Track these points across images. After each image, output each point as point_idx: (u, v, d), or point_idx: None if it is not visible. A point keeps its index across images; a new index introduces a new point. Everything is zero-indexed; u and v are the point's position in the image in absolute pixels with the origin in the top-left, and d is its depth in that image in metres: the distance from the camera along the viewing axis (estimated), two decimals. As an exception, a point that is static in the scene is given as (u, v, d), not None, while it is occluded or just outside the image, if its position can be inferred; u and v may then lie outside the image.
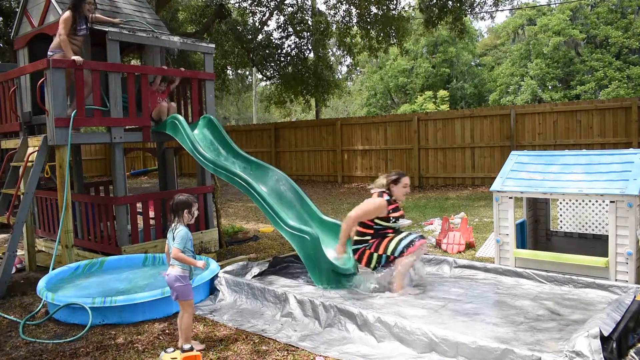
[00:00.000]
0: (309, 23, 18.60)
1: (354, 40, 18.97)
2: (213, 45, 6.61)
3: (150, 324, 3.99)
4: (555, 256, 4.71)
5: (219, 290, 4.53)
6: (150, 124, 5.98)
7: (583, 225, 5.63)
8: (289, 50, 19.08)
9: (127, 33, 5.71)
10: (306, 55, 19.40)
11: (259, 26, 18.78)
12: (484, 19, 56.16)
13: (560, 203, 5.78)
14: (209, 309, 4.27)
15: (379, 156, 14.90)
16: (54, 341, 3.72)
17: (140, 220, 6.86)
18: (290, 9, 18.72)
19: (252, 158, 5.77)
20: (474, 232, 7.27)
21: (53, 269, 4.93)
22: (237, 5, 18.73)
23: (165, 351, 2.99)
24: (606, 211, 5.39)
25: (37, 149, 5.28)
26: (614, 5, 29.51)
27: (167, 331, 3.83)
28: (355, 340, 3.47)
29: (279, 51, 18.81)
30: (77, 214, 6.41)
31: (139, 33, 5.80)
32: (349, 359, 3.24)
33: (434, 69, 34.47)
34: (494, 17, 64.77)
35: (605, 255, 4.50)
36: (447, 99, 29.69)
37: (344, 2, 17.15)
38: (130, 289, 4.61)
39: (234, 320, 3.99)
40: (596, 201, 5.49)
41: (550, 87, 30.28)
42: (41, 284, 4.42)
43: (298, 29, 18.56)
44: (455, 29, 15.31)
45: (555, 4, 30.95)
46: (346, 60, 27.60)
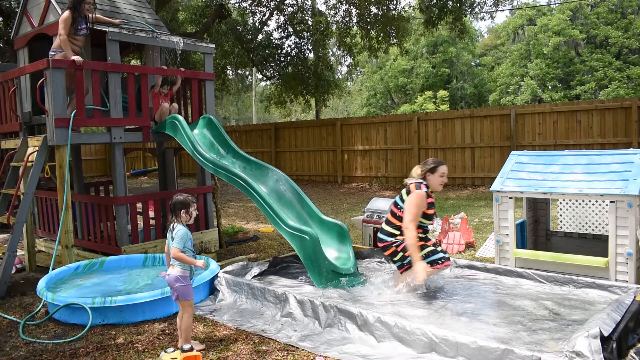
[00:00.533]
0: (309, 23, 18.60)
1: (354, 40, 18.97)
2: (213, 46, 6.61)
3: (150, 324, 3.99)
4: (555, 256, 4.71)
5: (219, 291, 4.53)
6: (150, 124, 5.98)
7: (583, 225, 5.62)
8: (289, 50, 19.09)
9: (127, 33, 5.71)
10: (306, 55, 19.40)
11: (259, 26, 18.79)
12: (484, 19, 56.12)
13: (560, 203, 5.78)
14: (209, 309, 4.27)
15: (379, 156, 14.90)
16: (54, 341, 3.72)
17: (140, 220, 6.87)
18: (290, 9, 18.72)
19: (252, 158, 5.77)
20: (474, 232, 7.27)
21: (53, 269, 4.94)
22: (237, 5, 18.74)
23: (165, 351, 2.99)
24: (606, 211, 5.39)
25: (37, 149, 5.28)
26: (614, 5, 29.51)
27: (167, 331, 3.83)
28: (355, 340, 3.46)
29: (279, 51, 18.82)
30: (77, 214, 6.41)
31: (138, 33, 5.80)
32: (349, 359, 3.24)
33: (434, 69, 34.48)
34: (494, 17, 64.80)
35: (605, 255, 4.50)
36: (447, 99, 29.69)
37: (344, 2, 17.14)
38: (130, 289, 4.62)
39: (234, 321, 3.98)
40: (596, 201, 5.49)
41: (550, 87, 30.27)
42: (41, 284, 4.42)
43: (298, 29, 18.56)
44: (455, 29, 15.31)
45: (555, 4, 30.94)
46: (346, 60, 27.67)
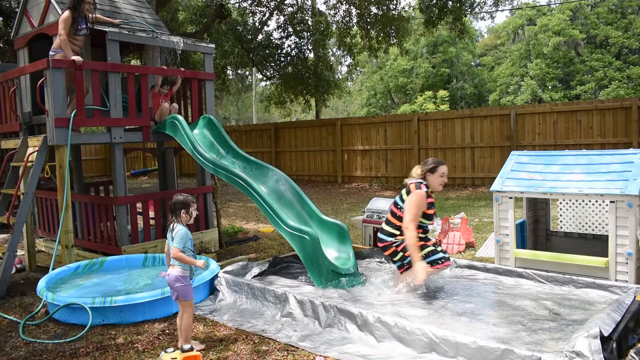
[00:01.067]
0: (309, 23, 18.59)
1: (354, 40, 18.97)
2: (213, 46, 6.61)
3: (150, 324, 3.99)
4: (555, 256, 4.71)
5: (219, 291, 4.53)
6: (150, 124, 5.98)
7: (583, 225, 5.62)
8: (289, 50, 19.08)
9: (127, 33, 5.71)
10: (306, 55, 19.40)
11: (259, 26, 18.79)
12: (484, 19, 56.11)
13: (560, 203, 5.78)
14: (209, 309, 4.27)
15: (379, 156, 14.90)
16: (54, 341, 3.72)
17: (140, 220, 6.87)
18: (290, 9, 18.72)
19: (252, 158, 5.77)
20: (474, 232, 7.27)
21: (53, 269, 4.94)
22: (237, 5, 18.74)
23: (165, 351, 2.99)
24: (606, 211, 5.39)
25: (37, 149, 5.28)
26: (614, 5, 29.51)
27: (167, 331, 3.83)
28: (355, 340, 3.46)
29: (279, 51, 18.81)
30: (77, 214, 6.41)
31: (138, 33, 5.80)
32: (349, 359, 3.24)
33: (434, 69, 34.48)
34: (494, 17, 64.80)
35: (605, 255, 4.50)
36: (447, 99, 29.70)
37: (344, 2, 17.14)
38: (130, 289, 4.61)
39: (234, 321, 3.98)
40: (596, 201, 5.49)
41: (550, 87, 30.27)
42: (41, 284, 4.42)
43: (298, 29, 18.56)
44: (455, 29, 15.31)
45: (555, 4, 30.94)
46: (346, 60, 27.66)
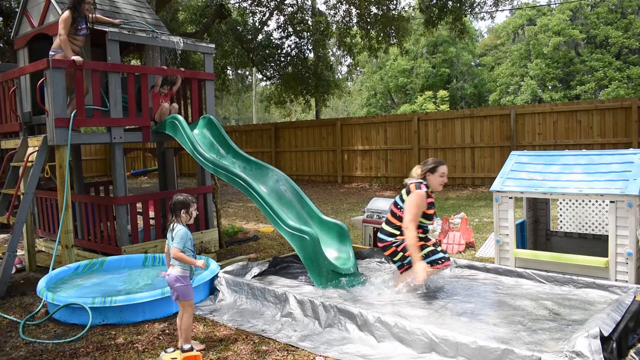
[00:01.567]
0: (309, 23, 18.59)
1: (354, 40, 18.97)
2: (213, 46, 6.61)
3: (150, 324, 3.99)
4: (555, 256, 4.71)
5: (219, 291, 4.53)
6: (150, 124, 5.98)
7: (583, 225, 5.62)
8: (289, 50, 19.08)
9: (127, 33, 5.71)
10: (306, 55, 19.40)
11: (259, 26, 18.78)
12: (484, 19, 56.13)
13: (560, 203, 5.78)
14: (209, 309, 4.27)
15: (379, 156, 14.90)
16: (54, 341, 3.72)
17: (140, 220, 6.87)
18: (290, 9, 18.72)
19: (252, 158, 5.77)
20: (474, 232, 7.27)
21: (53, 269, 4.94)
22: (237, 5, 18.74)
23: (165, 351, 2.99)
24: (606, 211, 5.39)
25: (37, 149, 5.28)
26: (614, 5, 29.51)
27: (167, 331, 3.83)
28: (355, 340, 3.46)
29: (279, 51, 18.81)
30: (77, 214, 6.41)
31: (138, 33, 5.80)
32: (349, 359, 3.24)
33: (434, 69, 34.48)
34: (494, 17, 64.77)
35: (605, 255, 4.50)
36: (447, 99, 29.70)
37: (344, 2, 17.14)
38: (130, 289, 4.61)
39: (234, 321, 3.98)
40: (596, 201, 5.49)
41: (550, 87, 30.27)
42: (41, 284, 4.42)
43: (298, 29, 18.56)
44: (455, 29, 15.30)
45: (555, 4, 30.94)
46: (346, 60, 27.66)
